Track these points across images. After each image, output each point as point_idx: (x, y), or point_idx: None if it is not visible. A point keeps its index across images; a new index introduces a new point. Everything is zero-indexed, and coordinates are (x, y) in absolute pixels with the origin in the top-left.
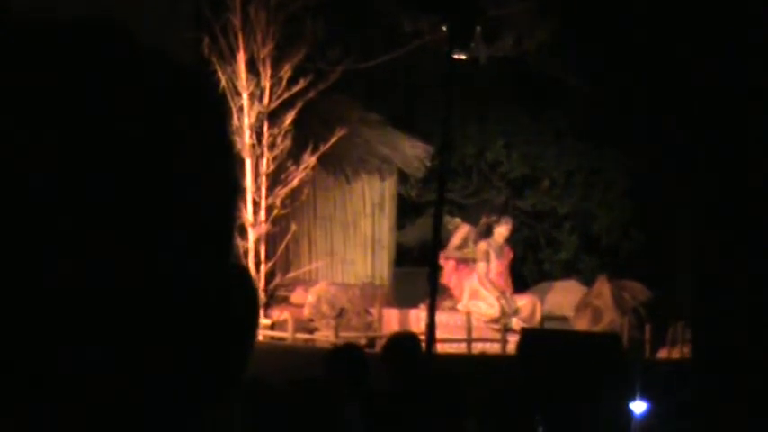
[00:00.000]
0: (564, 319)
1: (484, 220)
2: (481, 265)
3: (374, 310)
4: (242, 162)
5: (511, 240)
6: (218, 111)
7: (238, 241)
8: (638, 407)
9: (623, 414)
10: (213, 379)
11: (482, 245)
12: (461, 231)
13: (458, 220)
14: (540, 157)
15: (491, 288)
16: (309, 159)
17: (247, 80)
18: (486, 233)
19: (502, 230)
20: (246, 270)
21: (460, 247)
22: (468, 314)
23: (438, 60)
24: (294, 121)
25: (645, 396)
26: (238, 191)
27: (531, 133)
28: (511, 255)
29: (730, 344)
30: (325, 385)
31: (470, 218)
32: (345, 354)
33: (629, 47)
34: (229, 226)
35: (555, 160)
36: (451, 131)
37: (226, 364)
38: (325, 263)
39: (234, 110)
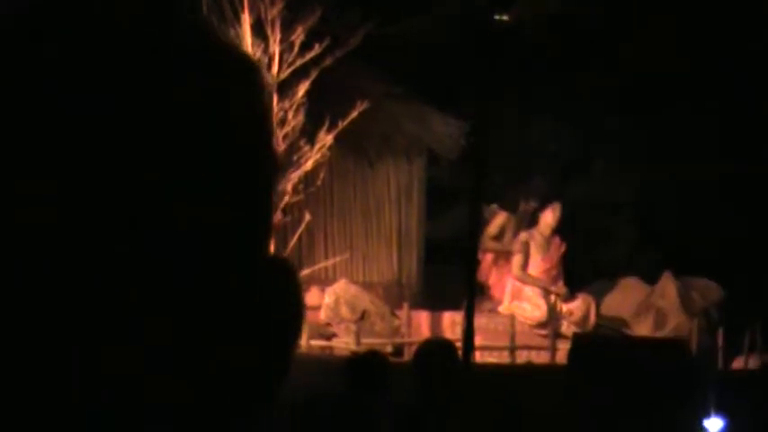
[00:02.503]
0: (622, 322)
1: (522, 206)
2: (517, 259)
3: (401, 313)
4: None
5: (560, 230)
6: (256, 82)
7: None
8: (714, 425)
9: None
10: (245, 389)
11: (522, 235)
12: (498, 220)
13: (494, 206)
14: (592, 135)
15: (534, 284)
16: (325, 138)
17: (253, 45)
18: (531, 222)
19: (548, 219)
20: (290, 263)
21: (497, 238)
22: (512, 317)
23: (476, 23)
24: (308, 94)
25: (720, 412)
26: (277, 171)
27: (583, 107)
28: (563, 248)
29: None
30: (346, 399)
31: (509, 204)
32: (366, 362)
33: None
34: (268, 212)
35: (610, 139)
36: (490, 106)
37: (262, 373)
38: (344, 259)
39: None
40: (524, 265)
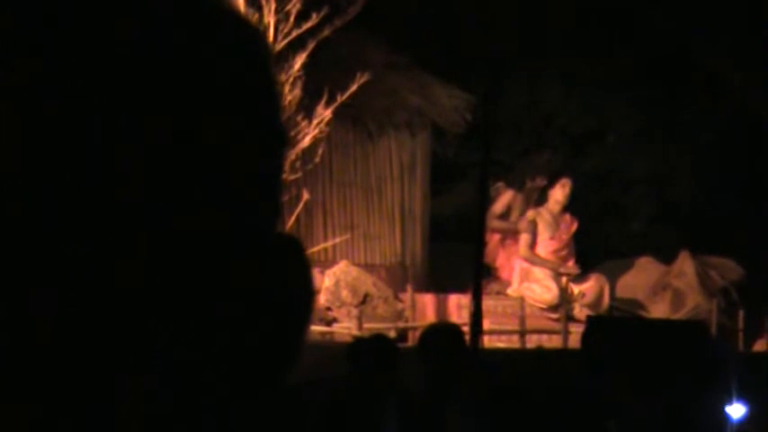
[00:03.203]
0: (638, 304)
1: (529, 184)
2: (524, 238)
3: (405, 296)
4: None
5: (571, 207)
6: (262, 50)
7: None
8: (736, 411)
9: (717, 420)
10: (249, 379)
11: (529, 213)
12: (504, 198)
13: (500, 184)
14: (605, 107)
15: (543, 265)
16: (324, 112)
17: (247, 15)
18: (540, 199)
19: (557, 195)
20: (299, 241)
21: (503, 217)
22: (521, 300)
23: None
24: (305, 66)
25: (743, 398)
26: (286, 143)
27: (596, 78)
28: (574, 225)
29: None
30: (349, 383)
31: (515, 181)
32: (372, 345)
33: None
34: (277, 187)
35: (624, 111)
36: (498, 76)
37: (267, 362)
38: (344, 239)
39: None
40: (532, 245)
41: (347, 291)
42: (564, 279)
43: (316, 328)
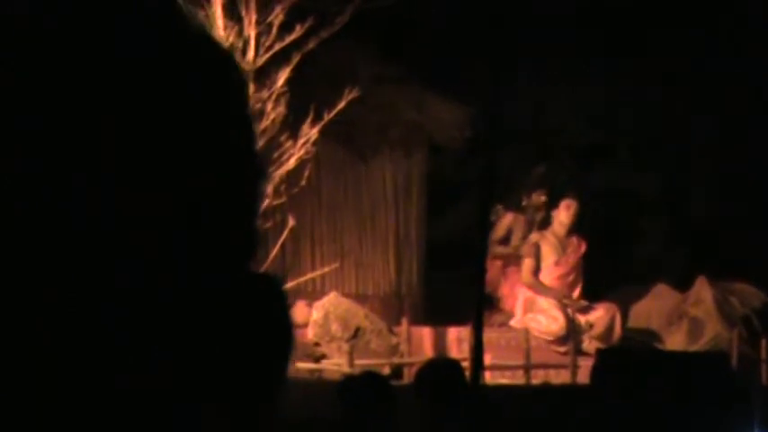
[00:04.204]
0: (652, 334)
1: (525, 201)
2: (527, 263)
3: (400, 329)
4: None
5: (579, 228)
6: (236, 79)
7: None
8: None
9: None
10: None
11: (533, 236)
12: (504, 221)
13: (500, 207)
14: (615, 118)
15: (547, 294)
16: (310, 131)
17: (226, 28)
18: (545, 222)
19: (561, 217)
20: (277, 280)
21: (504, 242)
22: (526, 332)
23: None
24: (289, 82)
25: None
26: (263, 177)
27: (605, 88)
28: (582, 248)
29: None
30: (340, 424)
31: (513, 200)
32: (365, 383)
33: None
34: (252, 222)
35: (635, 123)
36: (500, 88)
37: (244, 402)
38: (334, 268)
39: None
40: (536, 271)
41: (337, 324)
42: (571, 309)
43: (303, 365)
